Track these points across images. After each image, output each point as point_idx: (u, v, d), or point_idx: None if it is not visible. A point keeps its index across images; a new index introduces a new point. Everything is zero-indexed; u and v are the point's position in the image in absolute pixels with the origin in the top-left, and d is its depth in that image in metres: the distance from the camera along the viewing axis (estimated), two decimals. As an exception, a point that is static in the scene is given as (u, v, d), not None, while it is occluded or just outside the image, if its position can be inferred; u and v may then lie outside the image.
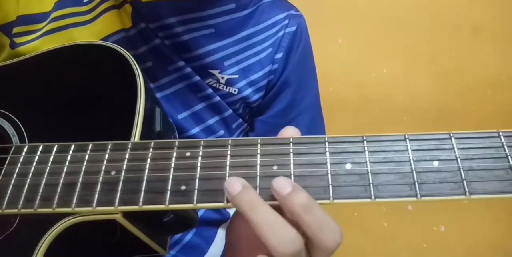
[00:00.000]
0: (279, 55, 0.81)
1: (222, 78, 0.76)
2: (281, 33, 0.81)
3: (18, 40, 0.69)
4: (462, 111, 1.64)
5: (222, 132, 0.79)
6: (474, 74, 1.67)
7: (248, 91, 0.79)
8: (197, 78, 0.75)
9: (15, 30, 0.69)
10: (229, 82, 0.77)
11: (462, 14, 1.69)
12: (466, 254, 1.60)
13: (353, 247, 1.57)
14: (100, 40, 0.71)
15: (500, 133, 0.45)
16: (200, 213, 0.78)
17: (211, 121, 0.78)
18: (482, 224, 1.60)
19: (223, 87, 0.77)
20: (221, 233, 0.82)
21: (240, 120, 0.81)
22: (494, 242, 1.61)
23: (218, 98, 0.77)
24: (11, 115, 0.60)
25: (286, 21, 0.82)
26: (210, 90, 0.76)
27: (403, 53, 1.67)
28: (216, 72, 0.76)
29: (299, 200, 0.41)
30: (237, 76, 0.77)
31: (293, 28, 0.83)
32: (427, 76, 1.66)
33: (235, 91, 0.77)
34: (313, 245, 0.42)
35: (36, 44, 0.69)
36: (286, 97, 0.82)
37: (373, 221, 1.58)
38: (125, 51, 0.61)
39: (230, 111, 0.78)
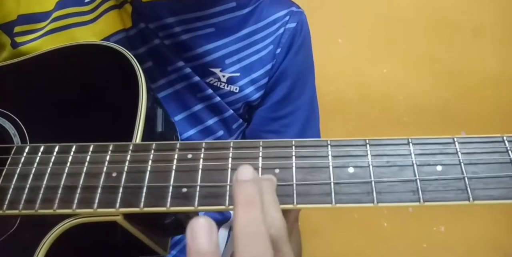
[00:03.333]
0: (279, 51, 0.81)
1: (223, 76, 0.76)
2: (281, 30, 0.82)
3: (19, 39, 0.69)
4: (462, 111, 1.63)
5: (221, 132, 0.79)
6: (474, 74, 1.67)
7: (249, 89, 0.79)
8: (197, 78, 0.75)
9: (16, 29, 0.69)
10: (230, 81, 0.77)
11: (462, 14, 1.69)
12: (466, 255, 1.60)
13: (353, 247, 1.57)
14: (101, 40, 0.71)
15: (505, 138, 0.44)
16: (201, 212, 0.78)
17: (211, 122, 0.78)
18: (483, 224, 1.60)
19: (224, 86, 0.76)
20: (222, 233, 0.82)
21: (241, 120, 0.81)
22: (495, 243, 1.61)
23: (218, 98, 0.77)
24: (13, 115, 0.60)
25: (287, 18, 0.83)
26: (210, 90, 0.76)
27: (403, 53, 1.66)
28: (217, 70, 0.76)
29: (247, 191, 0.37)
30: (238, 74, 0.77)
31: (293, 24, 0.83)
32: (427, 76, 1.66)
33: (236, 89, 0.77)
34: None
35: (37, 43, 0.69)
36: (282, 90, 0.82)
37: (373, 221, 1.58)
38: (127, 51, 0.61)
39: (231, 111, 0.78)
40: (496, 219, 1.62)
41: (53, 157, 0.51)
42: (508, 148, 0.44)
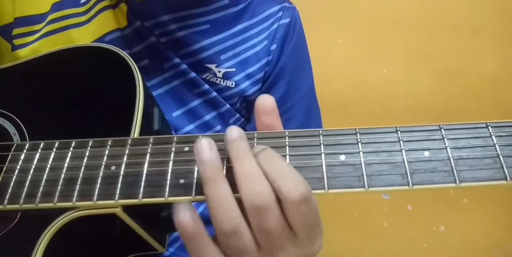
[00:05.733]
0: (274, 47, 0.82)
1: (219, 71, 0.77)
2: (275, 26, 0.83)
3: (17, 42, 0.70)
4: (462, 111, 1.64)
5: (219, 127, 0.79)
6: (474, 74, 1.67)
7: (245, 84, 0.80)
8: (193, 74, 0.76)
9: (15, 31, 0.69)
10: (226, 76, 0.78)
11: (462, 14, 1.69)
12: (466, 254, 1.59)
13: (353, 247, 1.57)
14: (96, 39, 0.72)
15: (488, 124, 0.46)
16: (199, 210, 0.78)
17: (208, 117, 0.78)
18: (482, 224, 1.60)
19: (220, 81, 0.77)
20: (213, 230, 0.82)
21: (238, 115, 0.82)
22: (494, 242, 1.60)
23: (214, 93, 0.77)
24: (12, 115, 0.61)
25: (280, 14, 0.84)
26: (206, 86, 0.77)
27: (403, 53, 1.67)
28: (213, 66, 0.77)
29: (236, 147, 0.45)
30: (234, 69, 0.78)
31: (287, 20, 0.84)
32: (427, 76, 1.66)
33: (232, 84, 0.78)
34: (281, 200, 0.43)
35: (35, 46, 0.70)
36: (282, 87, 0.83)
37: (373, 221, 1.58)
38: (122, 51, 0.62)
39: (228, 106, 0.79)
40: (496, 219, 1.62)
41: (53, 153, 0.52)
42: (492, 133, 0.45)
